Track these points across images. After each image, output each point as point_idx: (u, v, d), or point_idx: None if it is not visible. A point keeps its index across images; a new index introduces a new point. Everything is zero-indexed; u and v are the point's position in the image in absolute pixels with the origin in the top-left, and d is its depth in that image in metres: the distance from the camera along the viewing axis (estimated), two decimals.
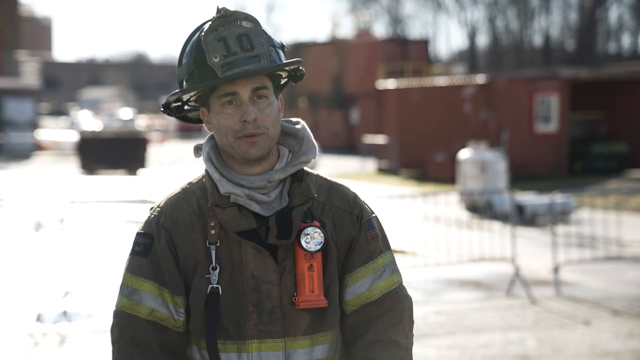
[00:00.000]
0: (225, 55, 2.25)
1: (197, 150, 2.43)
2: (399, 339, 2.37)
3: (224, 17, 2.27)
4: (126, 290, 2.36)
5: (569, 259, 10.65)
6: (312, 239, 2.30)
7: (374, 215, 2.45)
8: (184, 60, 2.34)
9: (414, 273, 10.47)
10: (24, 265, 11.37)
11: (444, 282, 10.51)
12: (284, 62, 2.32)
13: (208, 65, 2.26)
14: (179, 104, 2.40)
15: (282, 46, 2.35)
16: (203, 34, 2.27)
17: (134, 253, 2.38)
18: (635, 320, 8.53)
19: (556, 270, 9.98)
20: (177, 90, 2.34)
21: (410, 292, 2.49)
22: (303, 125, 2.44)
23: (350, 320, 2.39)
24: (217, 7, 2.28)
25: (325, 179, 2.44)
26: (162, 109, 2.41)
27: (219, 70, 2.25)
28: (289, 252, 2.31)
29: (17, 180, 24.81)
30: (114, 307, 2.39)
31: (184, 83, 2.33)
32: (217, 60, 2.24)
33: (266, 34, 2.29)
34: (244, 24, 2.27)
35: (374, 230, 2.42)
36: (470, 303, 9.41)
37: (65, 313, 8.67)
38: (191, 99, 2.38)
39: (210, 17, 2.31)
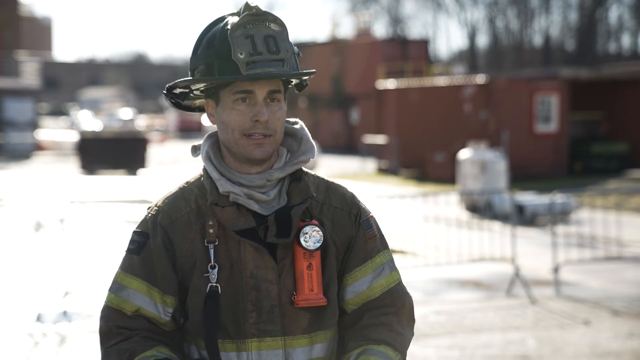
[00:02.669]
0: (252, 53, 2.23)
1: (195, 149, 2.43)
2: (392, 324, 2.36)
3: (255, 15, 2.25)
4: (115, 286, 2.37)
5: (569, 259, 10.65)
6: (311, 237, 2.30)
7: (371, 215, 2.45)
8: (200, 49, 2.32)
9: (414, 273, 10.47)
10: (24, 265, 11.37)
11: (444, 282, 10.50)
12: (304, 71, 2.32)
13: (231, 60, 2.24)
14: (186, 91, 2.39)
15: (298, 54, 2.35)
16: (230, 27, 2.25)
17: (128, 251, 2.38)
18: (635, 320, 8.52)
19: (556, 270, 9.98)
20: (191, 78, 2.32)
21: (410, 292, 2.49)
22: (301, 125, 2.44)
23: (350, 317, 2.39)
24: (248, 4, 2.26)
25: (323, 179, 2.44)
26: (164, 92, 2.39)
27: (242, 67, 2.23)
28: (288, 251, 2.31)
29: (17, 180, 24.81)
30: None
31: (197, 72, 2.32)
32: (242, 56, 2.23)
33: (290, 40, 2.29)
34: (272, 26, 2.26)
35: (372, 230, 2.42)
36: (470, 303, 9.41)
37: (65, 313, 8.66)
38: (200, 89, 2.36)
39: (238, 11, 2.30)
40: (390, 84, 29.57)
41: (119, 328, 2.32)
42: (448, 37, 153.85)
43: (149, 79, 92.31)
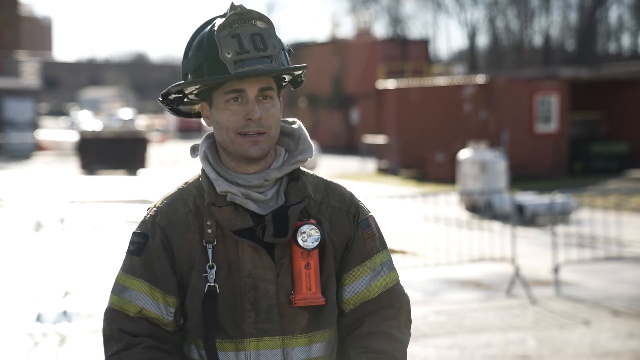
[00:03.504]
0: (238, 52, 2.24)
1: (194, 150, 2.43)
2: (393, 332, 2.36)
3: (240, 15, 2.26)
4: (117, 288, 2.38)
5: (569, 259, 10.65)
6: (309, 236, 2.30)
7: (370, 214, 2.45)
8: (190, 53, 2.32)
9: (414, 273, 10.47)
10: (24, 265, 11.37)
11: (444, 282, 10.50)
12: (294, 66, 2.33)
13: (219, 60, 2.25)
14: (180, 95, 2.40)
15: (289, 50, 2.36)
16: (216, 28, 2.26)
17: (128, 252, 2.39)
18: (635, 320, 8.52)
19: (556, 270, 9.98)
20: (181, 82, 2.33)
21: (410, 292, 2.50)
22: (299, 125, 2.44)
23: (349, 318, 2.39)
24: (233, 4, 2.27)
25: (322, 178, 2.44)
26: (160, 99, 2.40)
27: (230, 66, 2.24)
28: (286, 250, 2.31)
29: (17, 180, 24.81)
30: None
31: (189, 75, 2.32)
32: (229, 56, 2.24)
33: (277, 36, 2.30)
34: (259, 23, 2.27)
35: (370, 229, 2.42)
36: (470, 303, 9.41)
37: (65, 313, 8.66)
38: (193, 92, 2.37)
39: (224, 13, 2.31)
40: (390, 84, 29.57)
41: (121, 332, 2.32)
42: (448, 37, 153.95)
43: (149, 79, 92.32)
